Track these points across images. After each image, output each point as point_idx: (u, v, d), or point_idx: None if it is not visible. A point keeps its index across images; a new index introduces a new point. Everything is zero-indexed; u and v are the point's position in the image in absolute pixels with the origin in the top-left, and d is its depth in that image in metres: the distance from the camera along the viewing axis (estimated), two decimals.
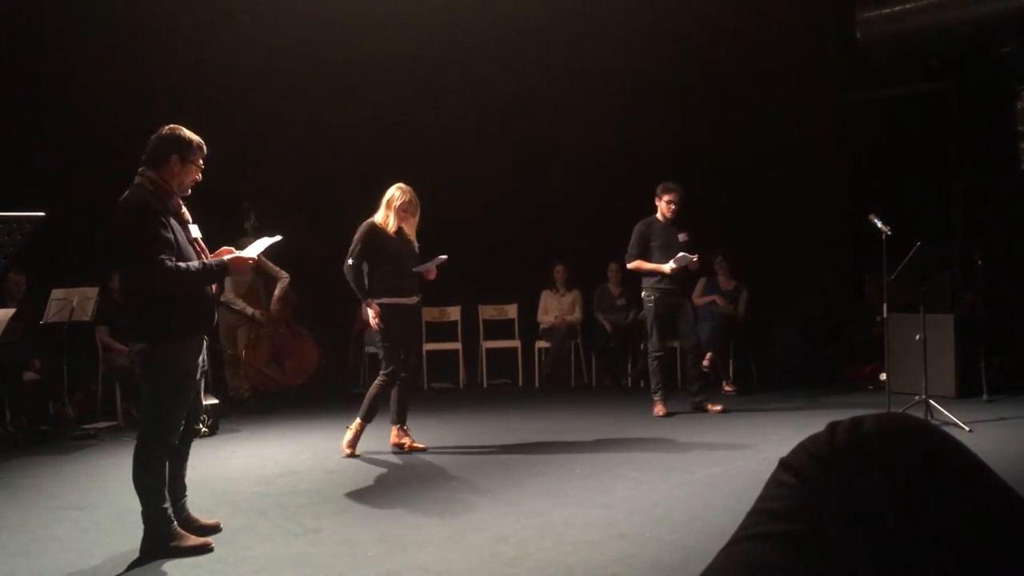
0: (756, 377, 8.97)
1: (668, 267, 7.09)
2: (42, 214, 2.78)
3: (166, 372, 3.93)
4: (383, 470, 5.60)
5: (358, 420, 5.99)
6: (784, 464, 0.68)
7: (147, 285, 3.84)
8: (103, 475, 5.70)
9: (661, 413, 7.25)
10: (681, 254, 7.05)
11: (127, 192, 3.93)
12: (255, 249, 4.34)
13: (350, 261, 5.92)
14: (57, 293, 7.16)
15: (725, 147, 9.75)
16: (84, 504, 4.97)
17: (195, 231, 4.08)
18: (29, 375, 7.26)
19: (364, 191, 6.27)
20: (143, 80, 8.31)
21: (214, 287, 4.19)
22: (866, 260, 8.51)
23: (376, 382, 6.00)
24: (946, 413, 6.33)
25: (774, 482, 0.67)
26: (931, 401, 6.42)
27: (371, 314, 5.96)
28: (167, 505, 3.99)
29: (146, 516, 3.95)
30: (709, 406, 7.42)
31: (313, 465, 5.82)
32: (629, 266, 7.39)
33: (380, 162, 9.08)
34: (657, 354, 7.33)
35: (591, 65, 9.33)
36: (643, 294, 7.39)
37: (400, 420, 6.13)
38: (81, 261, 7.89)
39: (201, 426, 6.66)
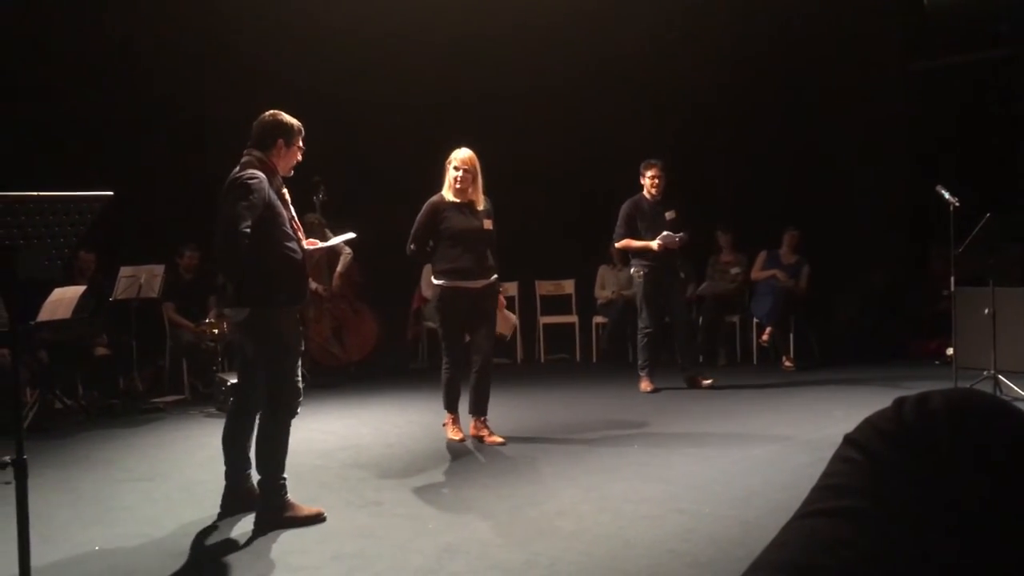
0: (818, 352, 8.83)
1: (655, 244, 7.09)
2: (110, 193, 2.85)
3: (276, 335, 4.02)
4: (441, 445, 5.65)
5: (446, 412, 5.80)
6: (849, 440, 0.68)
7: (249, 254, 3.90)
8: (172, 447, 5.87)
9: (648, 389, 7.25)
10: (666, 232, 7.07)
11: (238, 167, 4.04)
12: (331, 242, 4.75)
13: (412, 246, 5.57)
14: (125, 271, 7.32)
15: (788, 119, 9.57)
16: (153, 475, 5.12)
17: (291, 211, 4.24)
18: (100, 350, 7.46)
19: (426, 167, 6.22)
20: (208, 59, 8.41)
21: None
22: (932, 233, 8.29)
23: (443, 371, 5.75)
24: (1016, 388, 6.19)
25: (839, 458, 0.67)
26: (1000, 376, 6.27)
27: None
28: (284, 476, 4.08)
29: (264, 487, 4.04)
30: (701, 380, 7.42)
31: (373, 439, 5.91)
32: (617, 245, 7.41)
33: (443, 138, 9.09)
34: (647, 330, 7.31)
35: (650, 37, 9.20)
36: (632, 271, 7.44)
37: (476, 411, 5.70)
38: (149, 239, 8.08)
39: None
